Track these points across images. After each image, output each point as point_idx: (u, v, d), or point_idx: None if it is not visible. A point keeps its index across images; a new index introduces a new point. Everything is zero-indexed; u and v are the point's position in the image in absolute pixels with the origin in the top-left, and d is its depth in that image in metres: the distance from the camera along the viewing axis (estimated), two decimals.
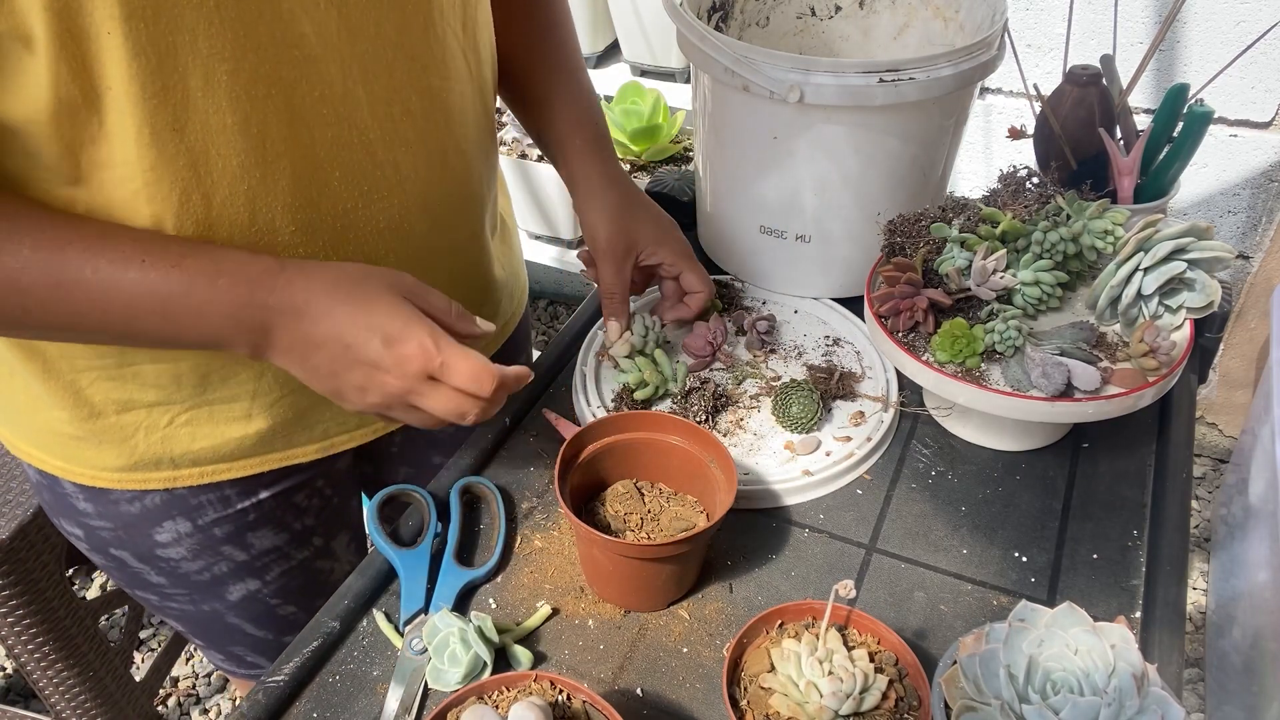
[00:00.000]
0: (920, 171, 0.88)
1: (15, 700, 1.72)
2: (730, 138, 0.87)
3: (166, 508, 0.76)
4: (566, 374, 0.85)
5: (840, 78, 0.76)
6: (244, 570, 0.83)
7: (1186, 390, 0.79)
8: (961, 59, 0.78)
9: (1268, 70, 1.52)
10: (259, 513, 0.80)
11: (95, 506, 0.76)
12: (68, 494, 0.76)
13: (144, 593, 0.85)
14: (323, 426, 0.78)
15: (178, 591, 0.84)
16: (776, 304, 0.92)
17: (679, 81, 1.86)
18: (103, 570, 0.86)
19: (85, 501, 0.76)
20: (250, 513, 0.79)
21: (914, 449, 0.78)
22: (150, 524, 0.77)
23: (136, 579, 0.83)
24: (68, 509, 0.78)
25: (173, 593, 0.84)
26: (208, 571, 0.82)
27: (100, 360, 0.67)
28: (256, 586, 0.85)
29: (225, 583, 0.83)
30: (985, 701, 0.52)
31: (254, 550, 0.82)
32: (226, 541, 0.80)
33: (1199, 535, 1.86)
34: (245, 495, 0.78)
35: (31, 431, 0.74)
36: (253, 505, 0.79)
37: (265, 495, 0.79)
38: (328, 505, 0.86)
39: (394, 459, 0.91)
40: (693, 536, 0.61)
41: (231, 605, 0.85)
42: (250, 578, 0.84)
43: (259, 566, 0.83)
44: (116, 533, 0.78)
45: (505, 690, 0.54)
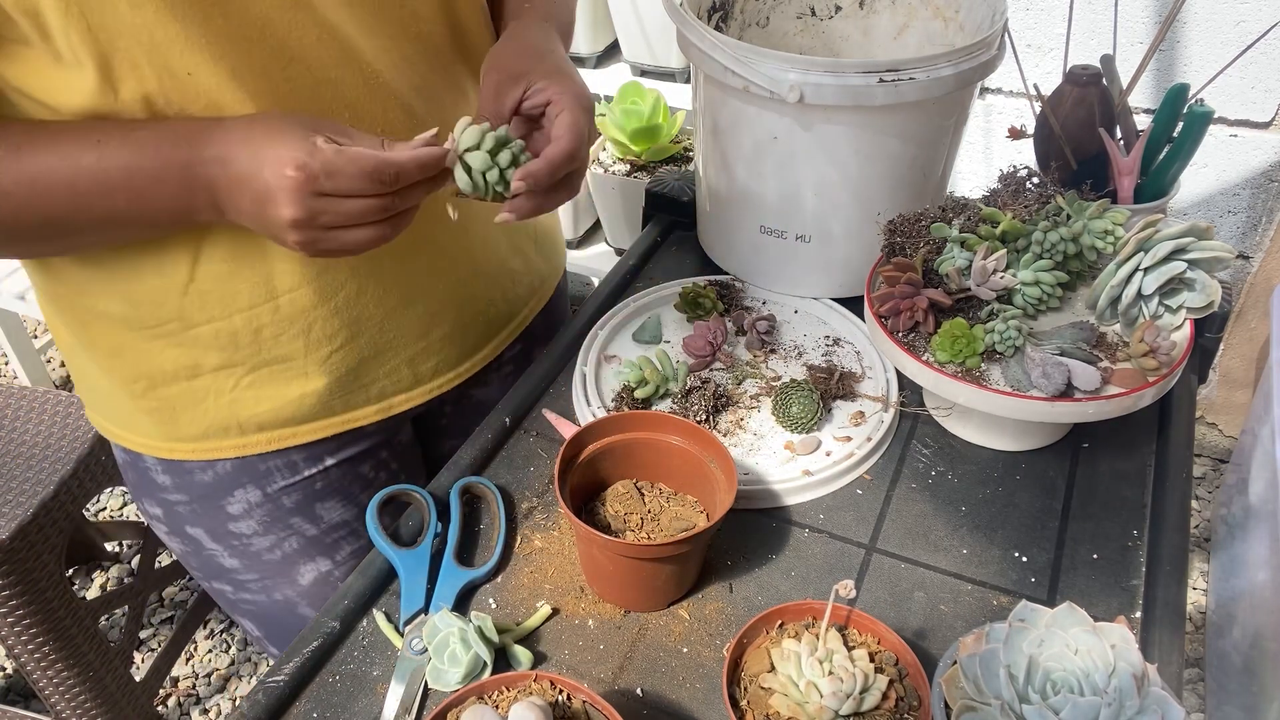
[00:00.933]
0: (920, 171, 0.88)
1: (15, 700, 1.72)
2: (730, 138, 0.87)
3: (237, 474, 0.79)
4: (567, 374, 0.85)
5: (840, 78, 0.76)
6: (314, 548, 0.85)
7: (1186, 390, 0.80)
8: (961, 59, 0.78)
9: (1268, 70, 1.52)
10: (326, 481, 0.82)
11: (172, 479, 0.80)
12: (148, 469, 0.80)
13: (219, 583, 0.87)
14: (379, 386, 0.80)
15: (250, 577, 0.85)
16: (776, 304, 0.92)
17: (679, 81, 1.86)
18: (181, 561, 0.89)
19: (164, 474, 0.80)
20: (318, 480, 0.82)
21: (914, 449, 0.78)
22: (222, 493, 0.80)
23: (211, 564, 0.85)
24: (149, 486, 0.82)
25: (246, 579, 0.86)
26: (279, 549, 0.83)
27: (164, 327, 0.71)
28: (328, 568, 0.86)
29: (296, 563, 0.85)
30: (985, 701, 0.52)
31: (323, 524, 0.84)
32: (296, 512, 0.82)
33: (1199, 535, 1.86)
34: (312, 462, 0.81)
35: (113, 411, 0.78)
36: (320, 473, 0.82)
37: (331, 463, 0.82)
38: (394, 480, 0.87)
39: (444, 431, 0.94)
40: (692, 536, 0.61)
41: (304, 591, 0.86)
42: (321, 556, 0.85)
43: (329, 544, 0.85)
44: (192, 506, 0.81)
45: (505, 690, 0.54)
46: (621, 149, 1.88)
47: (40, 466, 1.31)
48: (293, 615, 0.88)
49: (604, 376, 0.84)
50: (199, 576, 0.89)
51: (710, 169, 0.92)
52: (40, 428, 1.39)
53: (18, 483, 1.29)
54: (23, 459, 1.33)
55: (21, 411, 1.41)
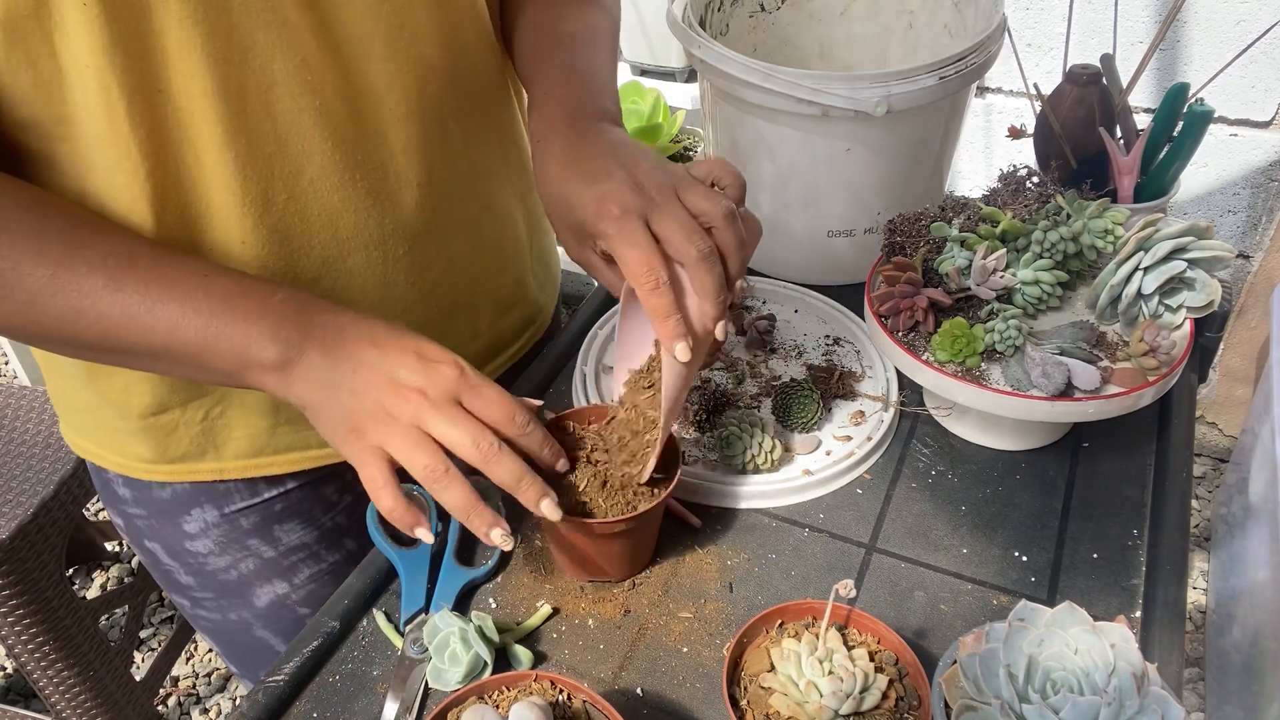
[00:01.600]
0: (919, 171, 0.88)
1: (15, 700, 1.72)
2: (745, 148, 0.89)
3: (195, 494, 0.77)
4: (567, 374, 0.85)
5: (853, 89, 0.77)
6: (271, 570, 0.83)
7: (1186, 390, 0.79)
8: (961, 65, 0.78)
9: (1268, 70, 1.52)
10: (286, 503, 0.80)
11: (132, 492, 0.79)
12: (109, 480, 0.80)
13: (177, 596, 0.86)
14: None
15: (206, 595, 0.84)
16: (777, 304, 0.92)
17: (679, 81, 1.86)
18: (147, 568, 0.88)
19: (124, 487, 0.79)
20: (277, 502, 0.80)
21: (914, 448, 0.78)
22: (179, 511, 0.78)
23: (169, 579, 0.84)
24: (111, 496, 0.81)
25: (201, 597, 0.84)
26: (234, 570, 0.82)
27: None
28: (285, 590, 0.84)
29: (252, 584, 0.83)
30: (985, 701, 0.52)
31: (281, 546, 0.82)
32: (253, 534, 0.80)
33: (1199, 534, 1.86)
34: (273, 484, 0.79)
35: (87, 426, 0.77)
36: (280, 495, 0.80)
37: (293, 485, 0.80)
38: (359, 504, 0.85)
39: None
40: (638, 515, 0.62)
41: (259, 613, 0.85)
42: (278, 579, 0.83)
43: (287, 566, 0.83)
44: (149, 521, 0.80)
45: (505, 690, 0.54)
46: None
47: (40, 466, 1.31)
48: (248, 636, 0.86)
49: (604, 376, 0.84)
50: (161, 586, 0.87)
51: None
52: (40, 427, 1.39)
53: (18, 483, 1.29)
54: (23, 459, 1.33)
55: (22, 411, 1.41)
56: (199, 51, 0.57)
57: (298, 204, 0.65)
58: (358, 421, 0.56)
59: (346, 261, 0.69)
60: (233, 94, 0.60)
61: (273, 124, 0.62)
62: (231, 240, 0.64)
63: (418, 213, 0.72)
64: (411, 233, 0.72)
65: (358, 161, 0.67)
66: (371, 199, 0.68)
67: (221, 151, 0.61)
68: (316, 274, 0.68)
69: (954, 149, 0.92)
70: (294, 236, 0.66)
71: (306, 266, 0.67)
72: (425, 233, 0.73)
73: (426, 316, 0.77)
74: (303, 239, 0.66)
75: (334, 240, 0.68)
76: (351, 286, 0.71)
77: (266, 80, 0.61)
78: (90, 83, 0.55)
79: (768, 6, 1.01)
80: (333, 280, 0.69)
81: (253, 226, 0.64)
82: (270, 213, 0.64)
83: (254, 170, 0.62)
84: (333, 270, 0.69)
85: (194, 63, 0.57)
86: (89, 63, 0.55)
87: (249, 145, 0.62)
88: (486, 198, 0.79)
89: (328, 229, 0.67)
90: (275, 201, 0.64)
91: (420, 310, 0.76)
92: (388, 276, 0.72)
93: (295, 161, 0.64)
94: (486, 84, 0.76)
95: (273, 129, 0.62)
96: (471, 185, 0.77)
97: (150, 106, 0.58)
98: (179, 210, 0.62)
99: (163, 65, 0.57)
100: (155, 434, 0.73)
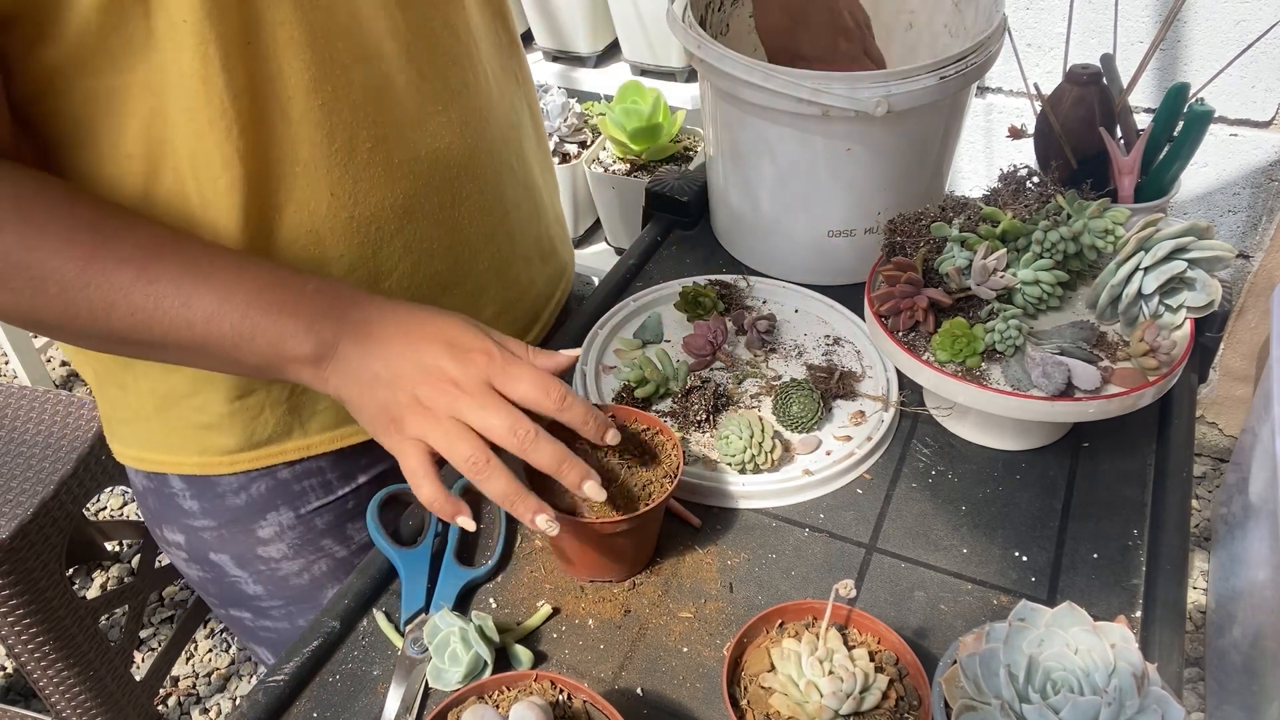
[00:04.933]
0: (919, 171, 0.88)
1: (15, 700, 1.72)
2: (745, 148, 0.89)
3: (271, 497, 0.77)
4: (567, 374, 0.85)
5: (853, 89, 0.77)
6: (344, 570, 0.83)
7: (1187, 390, 0.79)
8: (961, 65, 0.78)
9: (1268, 70, 1.52)
10: (357, 500, 0.81)
11: (200, 503, 0.77)
12: (174, 493, 0.77)
13: (238, 610, 0.84)
14: None
15: (274, 604, 0.83)
16: (777, 304, 0.92)
17: (679, 81, 1.86)
18: (197, 590, 0.85)
19: (191, 499, 0.77)
20: (349, 499, 0.80)
21: (914, 448, 0.78)
22: (254, 517, 0.77)
23: (232, 592, 0.82)
24: (172, 512, 0.78)
25: (269, 606, 0.83)
26: (307, 573, 0.81)
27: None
28: None
29: (323, 586, 0.83)
30: (985, 701, 0.52)
31: (354, 544, 0.82)
32: (328, 533, 0.80)
33: (1199, 534, 1.86)
34: (345, 480, 0.79)
35: (154, 435, 0.74)
36: (352, 492, 0.80)
37: (363, 480, 0.80)
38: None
39: None
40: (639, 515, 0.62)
41: None
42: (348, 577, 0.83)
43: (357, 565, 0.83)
44: (219, 532, 0.78)
45: (506, 690, 0.54)
46: (621, 148, 1.88)
47: (40, 466, 1.31)
48: None
49: (604, 376, 0.84)
50: (215, 604, 0.85)
51: (722, 170, 0.93)
52: (40, 427, 1.39)
53: (18, 482, 1.29)
54: (23, 459, 1.33)
55: (21, 411, 1.41)
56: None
57: (382, 151, 0.66)
58: (396, 414, 0.57)
59: (424, 206, 0.70)
60: (319, 39, 0.60)
61: (360, 68, 0.62)
62: (319, 194, 0.63)
63: (483, 151, 0.73)
64: (479, 171, 0.73)
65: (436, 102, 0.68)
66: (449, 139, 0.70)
67: (308, 100, 0.61)
68: (399, 224, 0.69)
69: (954, 149, 0.92)
70: (379, 185, 0.66)
71: (389, 216, 0.68)
72: (486, 172, 0.75)
73: (490, 263, 0.78)
74: (386, 187, 0.67)
75: (415, 186, 0.69)
76: (429, 234, 0.71)
77: (351, 23, 0.61)
78: (187, 40, 0.54)
79: None
80: (414, 229, 0.70)
81: (339, 178, 0.64)
82: (355, 162, 0.64)
83: (340, 119, 0.62)
84: (414, 218, 0.70)
85: (284, 10, 0.57)
86: (187, 18, 0.54)
87: (334, 92, 0.62)
88: (519, 145, 0.81)
89: (409, 175, 0.68)
90: (359, 150, 0.64)
91: (484, 257, 0.77)
92: (457, 220, 0.73)
93: (378, 106, 0.64)
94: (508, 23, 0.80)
95: (357, 75, 0.62)
96: (509, 131, 0.79)
97: (243, 60, 0.57)
98: (266, 170, 0.61)
99: (253, 17, 0.57)
100: (240, 419, 0.72)
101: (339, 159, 0.64)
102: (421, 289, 0.73)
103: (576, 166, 1.95)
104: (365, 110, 0.64)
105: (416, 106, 0.68)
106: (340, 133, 0.63)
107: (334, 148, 0.63)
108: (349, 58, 0.62)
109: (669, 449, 0.67)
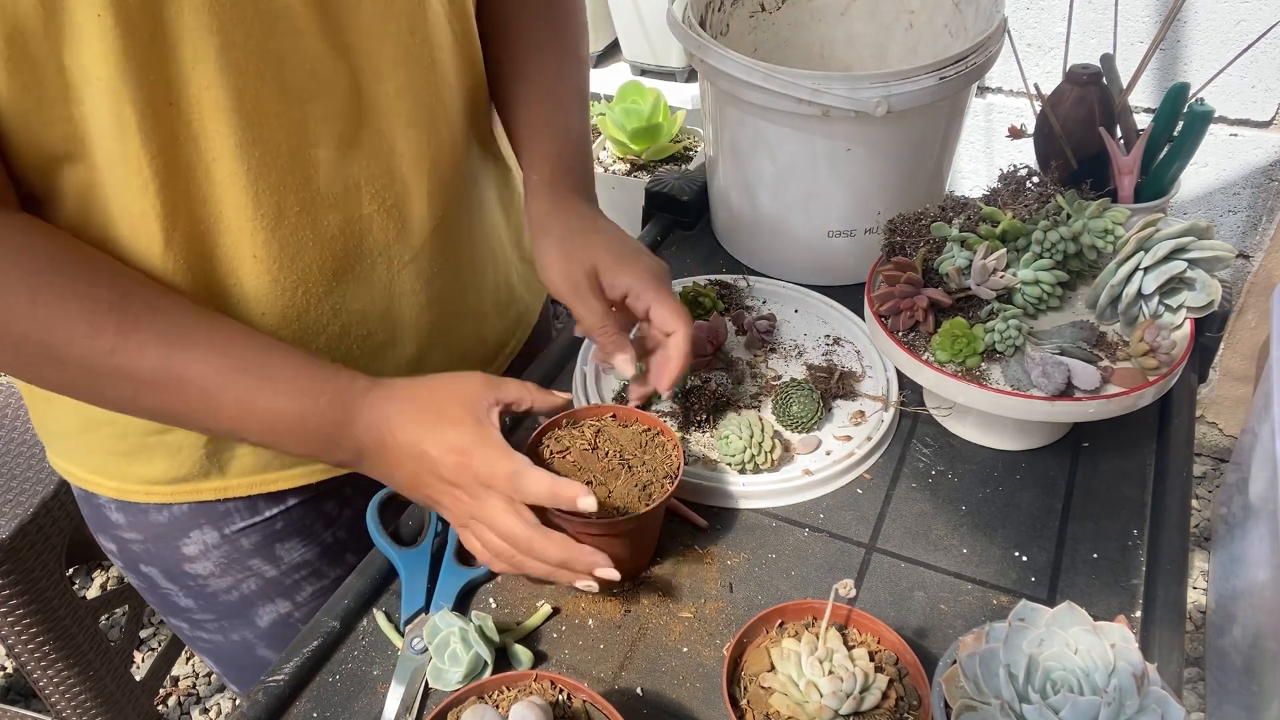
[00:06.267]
0: (919, 171, 0.88)
1: (15, 700, 1.72)
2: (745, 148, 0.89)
3: (194, 516, 0.75)
4: (566, 374, 0.85)
5: (854, 89, 0.77)
6: (274, 589, 0.81)
7: (1186, 389, 0.79)
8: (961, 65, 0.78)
9: (1268, 70, 1.52)
10: (287, 521, 0.79)
11: (126, 517, 0.76)
12: (102, 506, 0.77)
13: (175, 620, 0.84)
14: None
15: (206, 617, 0.82)
16: (777, 304, 0.92)
17: (679, 80, 1.86)
18: (141, 594, 0.86)
19: (117, 512, 0.76)
20: (278, 520, 0.78)
21: (914, 448, 0.78)
22: (177, 534, 0.76)
23: (166, 602, 0.82)
24: (103, 522, 0.78)
25: (202, 619, 0.82)
26: (236, 591, 0.80)
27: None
28: (288, 609, 0.83)
29: (254, 604, 0.81)
30: (985, 701, 0.52)
31: (283, 565, 0.80)
32: (255, 554, 0.79)
33: (1199, 534, 1.86)
34: (273, 502, 0.77)
35: (78, 452, 0.75)
36: (281, 513, 0.78)
37: (294, 502, 0.78)
38: (360, 519, 0.83)
39: None
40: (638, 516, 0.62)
41: (262, 633, 0.83)
42: (280, 598, 0.82)
43: (289, 585, 0.82)
44: (146, 546, 0.77)
45: (506, 690, 0.54)
46: (621, 148, 1.88)
47: (41, 466, 1.31)
48: (251, 656, 0.85)
49: (604, 376, 0.84)
50: (158, 610, 0.85)
51: (721, 171, 0.93)
52: None
53: (18, 482, 1.29)
54: (23, 458, 1.33)
55: (22, 411, 1.41)
56: (214, 62, 0.56)
57: (309, 215, 0.64)
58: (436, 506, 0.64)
59: (355, 270, 0.69)
60: (247, 105, 0.58)
61: (285, 134, 0.61)
62: (242, 255, 0.63)
63: (424, 218, 0.71)
64: (418, 239, 0.72)
65: (366, 169, 0.66)
66: (379, 206, 0.68)
67: (234, 165, 0.59)
68: (328, 287, 0.68)
69: (954, 149, 0.92)
70: (306, 249, 0.65)
71: (317, 280, 0.67)
72: (430, 238, 0.73)
73: (434, 322, 0.76)
74: (314, 251, 0.66)
75: (344, 251, 0.67)
76: (360, 297, 0.70)
77: (278, 90, 0.60)
78: (101, 97, 0.54)
79: (768, 6, 1.01)
80: (343, 293, 0.69)
81: (264, 241, 0.63)
82: (283, 226, 0.63)
83: (266, 183, 0.61)
84: (344, 281, 0.68)
85: (209, 74, 0.56)
86: (100, 75, 0.53)
87: (262, 158, 0.60)
88: (479, 201, 0.79)
89: (338, 240, 0.67)
90: (287, 215, 0.63)
91: (428, 315, 0.76)
92: (395, 286, 0.72)
93: (305, 172, 0.63)
94: (474, 83, 0.77)
95: (285, 140, 0.61)
96: (468, 189, 0.77)
97: (162, 121, 0.56)
98: (188, 227, 0.60)
99: (176, 77, 0.55)
100: (160, 453, 0.71)
101: (265, 223, 0.62)
102: (353, 351, 0.72)
103: None
104: (295, 174, 0.63)
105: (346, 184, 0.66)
106: (267, 197, 0.62)
107: (260, 211, 0.62)
108: (279, 123, 0.61)
109: (669, 450, 0.67)
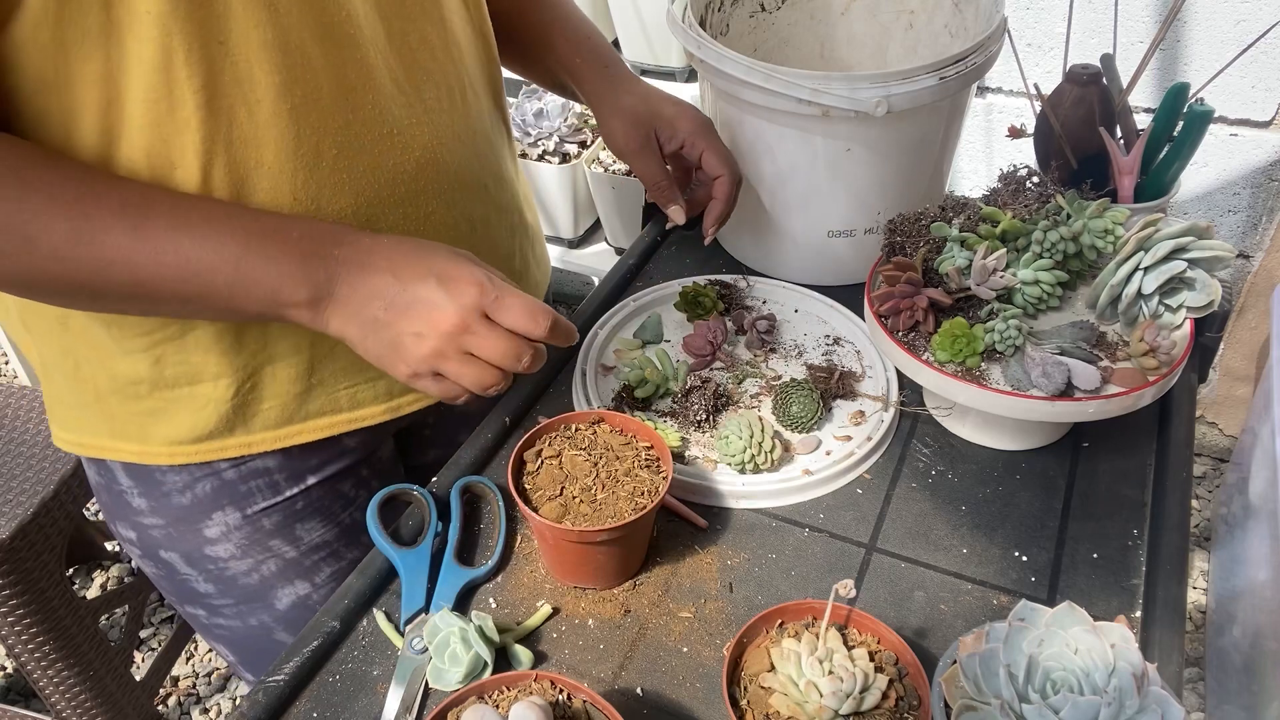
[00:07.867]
0: (919, 171, 0.88)
1: (15, 700, 1.72)
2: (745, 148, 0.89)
3: (216, 497, 0.76)
4: (566, 374, 0.85)
5: (853, 89, 0.77)
6: (293, 570, 0.82)
7: (1186, 389, 0.79)
8: (961, 65, 0.78)
9: (1268, 70, 1.52)
10: (307, 501, 0.80)
11: (148, 501, 0.77)
12: (123, 491, 0.77)
13: (192, 607, 0.85)
14: (385, 380, 0.78)
15: (225, 602, 0.83)
16: (777, 304, 0.92)
17: (679, 80, 1.86)
18: (155, 584, 0.86)
19: (139, 497, 0.77)
20: (299, 500, 0.79)
21: (914, 448, 0.78)
22: (199, 517, 0.77)
23: (184, 589, 0.83)
24: (123, 508, 0.79)
25: (220, 604, 0.83)
26: (256, 573, 0.81)
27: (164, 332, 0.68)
28: (306, 591, 0.83)
29: (274, 586, 0.82)
30: (985, 701, 0.52)
31: (303, 545, 0.81)
32: (275, 534, 0.80)
33: (1199, 534, 1.86)
34: (294, 481, 0.79)
35: (97, 420, 0.74)
36: (301, 493, 0.79)
37: (313, 481, 0.79)
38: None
39: (426, 442, 0.92)
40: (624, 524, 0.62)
41: (280, 616, 0.84)
42: (300, 579, 0.83)
43: (308, 566, 0.83)
44: (167, 530, 0.78)
45: (506, 690, 0.54)
46: None
47: (40, 466, 1.31)
48: (269, 640, 0.86)
49: (604, 376, 0.84)
50: (173, 601, 0.86)
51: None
52: (41, 427, 1.39)
53: (18, 482, 1.29)
54: (23, 459, 1.33)
55: (22, 411, 1.41)
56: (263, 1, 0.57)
57: (346, 158, 0.66)
58: (402, 354, 0.61)
59: (387, 217, 0.70)
60: (293, 44, 0.60)
61: (329, 74, 0.62)
62: (281, 197, 0.63)
63: (451, 168, 0.73)
64: (446, 186, 0.73)
65: (409, 108, 0.68)
66: (412, 151, 0.69)
67: (277, 104, 0.61)
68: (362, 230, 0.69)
69: (954, 149, 0.92)
70: (340, 193, 0.66)
71: (352, 222, 0.68)
72: (454, 189, 0.74)
73: None
74: (348, 194, 0.67)
75: (375, 198, 0.68)
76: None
77: (321, 31, 0.61)
78: (149, 32, 0.54)
79: (768, 6, 1.01)
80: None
81: (303, 183, 0.64)
82: (320, 167, 0.64)
83: (308, 124, 0.62)
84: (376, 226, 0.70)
85: (259, 12, 0.57)
86: (151, 9, 0.54)
87: (304, 97, 0.62)
88: (497, 166, 0.81)
89: (370, 185, 0.68)
90: (325, 156, 0.64)
91: None
92: (425, 234, 0.73)
93: (345, 114, 0.64)
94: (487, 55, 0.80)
95: (328, 79, 0.62)
96: (487, 151, 0.79)
97: (210, 59, 0.57)
98: (227, 168, 0.61)
99: (226, 14, 0.57)
100: (184, 408, 0.71)
101: (304, 163, 0.64)
102: None
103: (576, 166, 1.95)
104: (335, 117, 0.64)
105: (388, 118, 0.68)
106: (308, 137, 0.63)
107: (300, 151, 0.63)
108: (322, 64, 0.62)
109: (659, 457, 0.67)
